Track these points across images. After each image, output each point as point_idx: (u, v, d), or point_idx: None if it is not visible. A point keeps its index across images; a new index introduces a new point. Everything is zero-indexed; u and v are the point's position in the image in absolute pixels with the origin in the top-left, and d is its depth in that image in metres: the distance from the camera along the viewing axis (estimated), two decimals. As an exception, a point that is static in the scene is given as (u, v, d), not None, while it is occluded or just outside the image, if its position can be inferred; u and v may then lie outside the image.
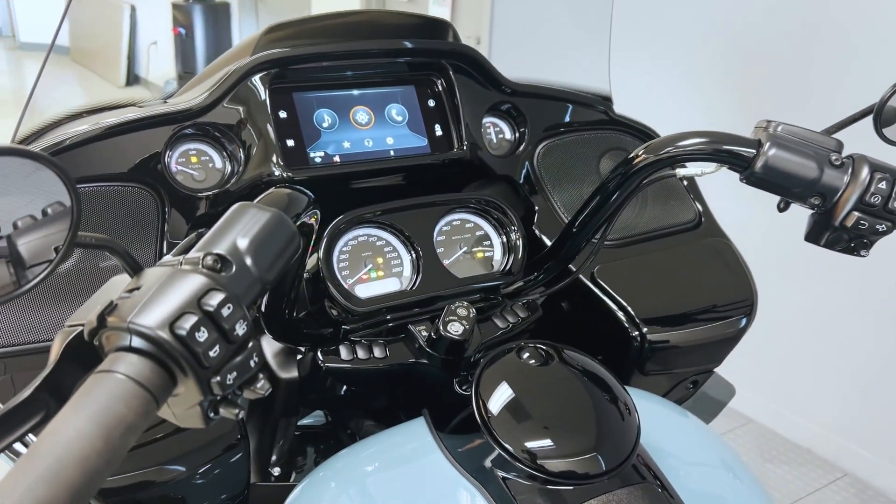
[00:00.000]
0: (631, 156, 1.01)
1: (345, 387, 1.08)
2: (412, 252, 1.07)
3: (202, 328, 0.53)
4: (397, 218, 1.07)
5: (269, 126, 1.06)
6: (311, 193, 0.80)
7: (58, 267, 0.56)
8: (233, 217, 0.65)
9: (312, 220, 0.91)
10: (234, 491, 0.93)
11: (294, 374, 1.04)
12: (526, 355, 0.89)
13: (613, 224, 1.09)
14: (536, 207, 1.27)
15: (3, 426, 0.54)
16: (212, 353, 0.53)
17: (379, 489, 0.87)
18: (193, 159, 1.07)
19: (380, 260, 1.05)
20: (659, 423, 1.00)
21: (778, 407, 2.91)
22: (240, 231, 0.62)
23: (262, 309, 0.92)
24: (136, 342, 0.52)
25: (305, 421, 1.32)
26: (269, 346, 1.05)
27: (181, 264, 0.58)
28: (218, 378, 0.54)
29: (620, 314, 1.17)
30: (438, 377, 1.02)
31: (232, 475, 0.92)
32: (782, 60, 2.57)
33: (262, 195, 0.88)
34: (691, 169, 1.02)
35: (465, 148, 1.19)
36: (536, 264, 1.19)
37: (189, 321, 0.52)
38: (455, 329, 0.97)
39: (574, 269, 1.17)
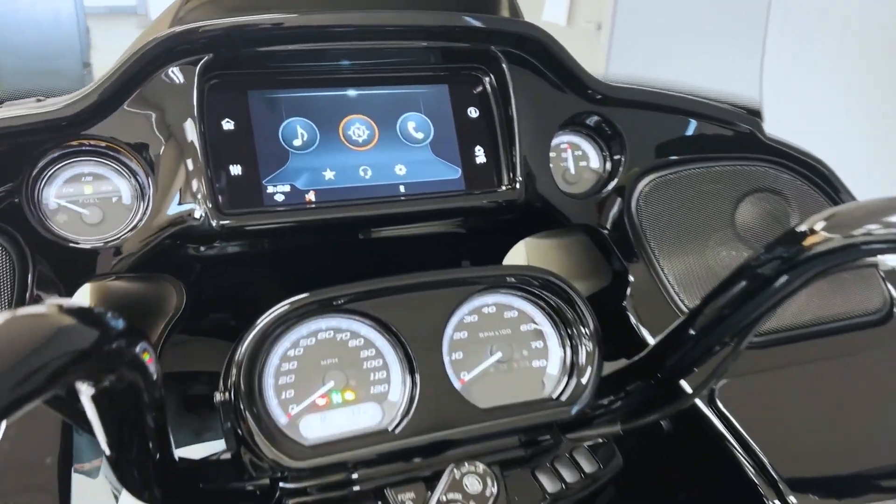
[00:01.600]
0: (802, 229, 0.56)
1: None
2: (406, 361, 0.65)
3: None
4: (387, 306, 0.65)
5: (195, 142, 0.67)
6: (127, 340, 0.40)
7: None
8: None
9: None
10: None
11: None
12: None
13: (760, 326, 0.64)
14: (631, 278, 0.83)
15: None
16: None
17: None
18: (87, 189, 0.69)
19: (351, 374, 0.64)
20: None
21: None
22: None
23: (105, 447, 0.53)
24: None
25: None
26: None
27: None
28: None
29: (750, 467, 0.72)
30: None
31: None
32: None
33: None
34: (906, 258, 0.56)
35: (518, 185, 0.76)
36: (623, 378, 0.75)
37: None
38: None
39: (690, 391, 0.73)
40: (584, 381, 0.68)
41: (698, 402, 0.76)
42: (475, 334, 0.68)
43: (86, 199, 0.69)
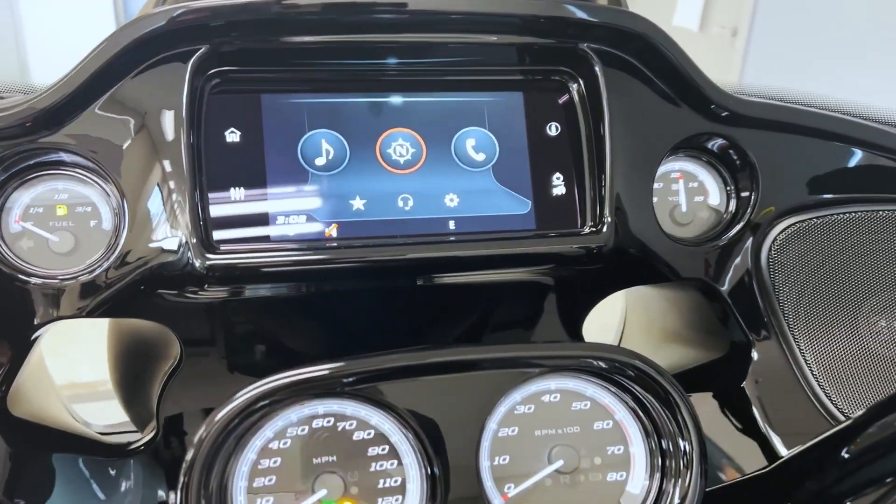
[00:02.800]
0: None
1: None
2: (427, 465, 0.48)
3: None
4: (406, 391, 0.48)
5: (183, 156, 0.52)
6: None
7: None
8: None
9: None
10: None
11: None
12: None
13: None
14: (756, 355, 0.63)
15: None
16: None
17: None
18: (61, 210, 0.56)
19: (353, 479, 0.48)
20: None
21: None
22: None
23: None
24: None
25: None
26: None
27: None
28: None
29: None
30: None
31: None
32: None
33: None
34: None
35: (606, 227, 0.58)
36: (734, 495, 0.55)
37: None
38: None
39: None
40: (692, 490, 0.48)
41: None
42: (529, 431, 0.51)
43: (56, 224, 0.56)
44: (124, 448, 0.62)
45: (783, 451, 0.58)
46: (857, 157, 0.67)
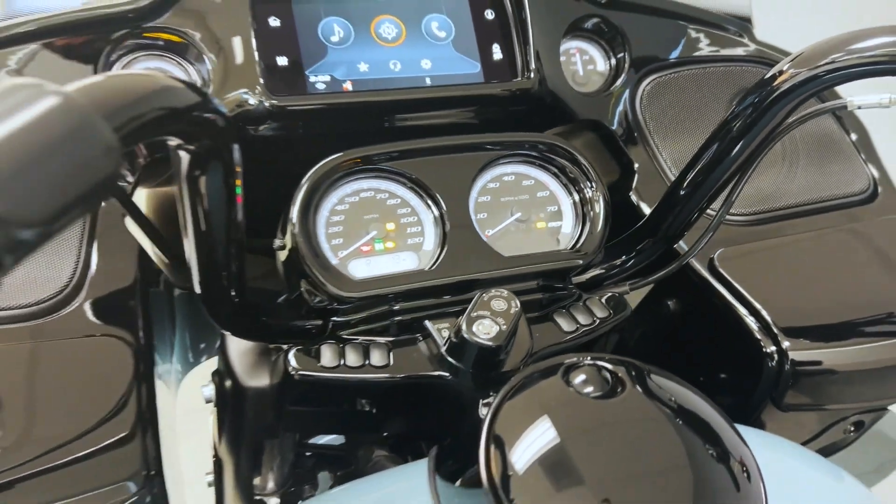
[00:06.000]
0: (770, 73, 0.64)
1: (326, 407, 0.77)
2: (438, 216, 0.74)
3: None
4: (419, 166, 0.74)
5: (249, 36, 0.76)
6: (221, 109, 0.48)
7: None
8: None
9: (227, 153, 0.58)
10: None
11: (264, 381, 0.75)
12: (579, 379, 0.55)
13: (743, 185, 0.73)
14: (636, 165, 0.92)
15: None
16: None
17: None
18: None
19: (390, 226, 0.74)
20: (797, 490, 0.64)
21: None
22: None
23: (198, 287, 0.62)
24: None
25: (322, 440, 1.03)
26: (236, 343, 0.76)
27: None
28: None
29: (750, 320, 0.81)
30: (464, 399, 0.69)
31: None
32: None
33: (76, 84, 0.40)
34: (871, 95, 0.64)
35: (531, 76, 0.85)
36: (627, 243, 0.84)
37: None
38: (484, 330, 0.64)
39: (682, 252, 0.81)
40: (594, 231, 0.77)
41: (696, 265, 0.85)
42: (497, 199, 0.77)
43: None
44: None
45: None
46: (690, 31, 0.97)
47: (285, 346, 0.70)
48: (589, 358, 0.56)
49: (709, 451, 0.52)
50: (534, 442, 0.51)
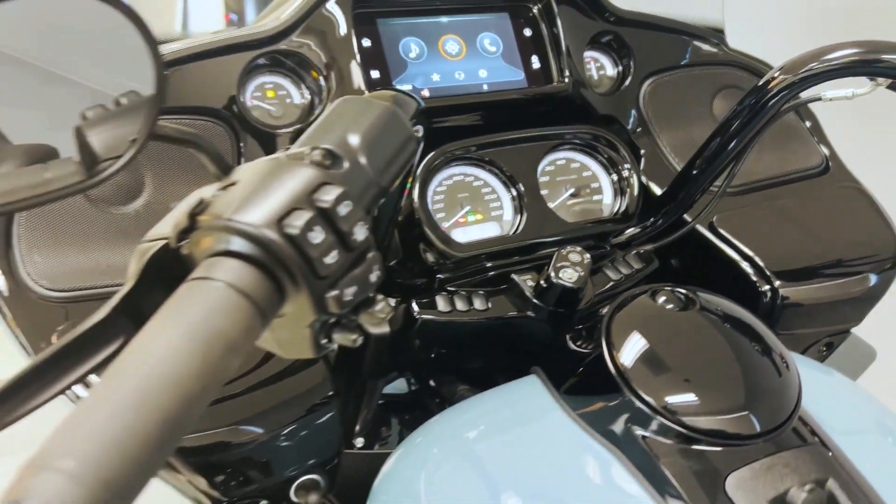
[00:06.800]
0: (764, 80, 0.87)
1: (438, 347, 0.96)
2: (514, 193, 0.95)
3: (316, 228, 0.42)
4: (496, 154, 0.94)
5: (352, 56, 0.95)
6: (419, 99, 0.67)
7: (132, 160, 0.45)
8: (340, 110, 0.53)
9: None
10: (323, 456, 0.83)
11: (385, 329, 0.93)
12: (662, 299, 0.76)
13: (741, 165, 0.96)
14: (643, 152, 1.14)
15: (72, 356, 0.44)
16: (327, 260, 0.42)
17: (491, 455, 0.75)
18: (269, 93, 0.96)
19: (478, 202, 0.93)
20: (808, 381, 0.86)
21: None
22: (350, 125, 0.51)
23: None
24: (237, 244, 0.41)
25: (387, 389, 1.21)
26: None
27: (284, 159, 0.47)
28: (335, 292, 0.43)
29: (747, 266, 1.03)
30: (546, 333, 0.89)
31: (322, 438, 0.81)
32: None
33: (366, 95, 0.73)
34: (840, 90, 0.88)
35: (565, 81, 1.06)
36: (648, 211, 1.06)
37: (300, 218, 0.41)
38: (568, 276, 0.84)
39: (690, 219, 1.03)
40: (631, 200, 0.98)
41: (701, 228, 1.07)
42: (554, 178, 0.98)
43: (269, 101, 0.96)
44: None
45: (656, 191, 1.10)
46: (679, 41, 1.20)
47: (393, 301, 0.89)
48: (666, 286, 0.77)
49: (755, 346, 0.74)
50: (638, 343, 0.72)
